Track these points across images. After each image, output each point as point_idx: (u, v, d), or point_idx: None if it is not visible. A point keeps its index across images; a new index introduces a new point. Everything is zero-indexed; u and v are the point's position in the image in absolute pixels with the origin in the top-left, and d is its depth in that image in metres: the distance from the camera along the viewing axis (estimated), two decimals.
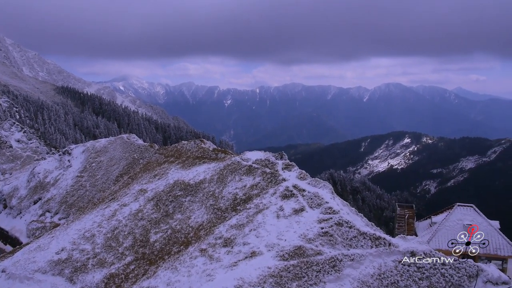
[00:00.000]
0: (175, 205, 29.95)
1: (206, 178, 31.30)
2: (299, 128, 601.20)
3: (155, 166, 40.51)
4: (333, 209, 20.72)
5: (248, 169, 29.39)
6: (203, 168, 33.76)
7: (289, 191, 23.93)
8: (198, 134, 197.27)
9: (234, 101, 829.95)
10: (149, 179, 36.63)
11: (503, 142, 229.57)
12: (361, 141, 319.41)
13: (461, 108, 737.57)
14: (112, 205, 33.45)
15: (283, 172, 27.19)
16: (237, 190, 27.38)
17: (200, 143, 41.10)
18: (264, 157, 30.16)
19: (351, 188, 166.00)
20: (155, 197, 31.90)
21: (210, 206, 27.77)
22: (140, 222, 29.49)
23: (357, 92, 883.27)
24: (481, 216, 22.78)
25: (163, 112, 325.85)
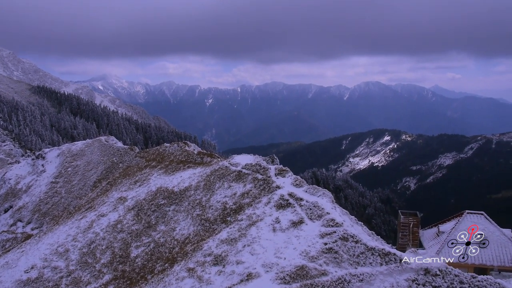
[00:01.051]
0: (158, 215, 27.29)
1: (191, 185, 28.72)
2: (281, 127, 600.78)
3: (136, 171, 37.59)
4: (336, 221, 18.54)
5: (238, 175, 26.96)
6: (188, 173, 31.14)
7: (284, 200, 21.64)
8: (179, 134, 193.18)
9: (215, 100, 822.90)
10: (129, 185, 33.75)
11: (479, 138, 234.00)
12: (342, 139, 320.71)
13: (438, 105, 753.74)
14: (89, 215, 30.47)
15: (277, 178, 24.88)
16: (227, 198, 24.93)
17: (183, 146, 38.38)
18: (254, 162, 27.77)
19: (334, 186, 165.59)
20: (136, 206, 29.12)
21: (196, 216, 25.24)
22: (120, 235, 26.70)
23: (338, 90, 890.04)
24: (493, 225, 21.19)
25: (143, 112, 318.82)
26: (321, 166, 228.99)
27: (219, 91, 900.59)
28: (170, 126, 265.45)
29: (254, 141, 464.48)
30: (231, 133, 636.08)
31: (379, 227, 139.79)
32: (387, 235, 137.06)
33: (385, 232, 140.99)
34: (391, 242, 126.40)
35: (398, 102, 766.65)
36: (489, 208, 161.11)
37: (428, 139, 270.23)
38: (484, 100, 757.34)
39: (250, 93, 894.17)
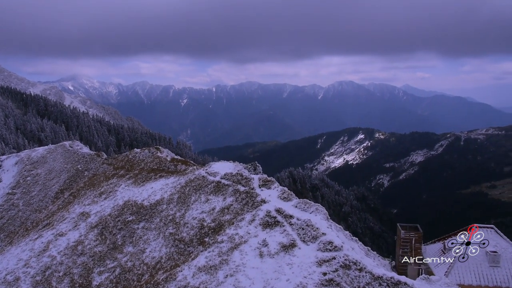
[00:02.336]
0: (125, 233, 23.61)
1: (164, 198, 25.15)
2: (256, 126, 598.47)
3: (102, 181, 33.50)
4: (334, 244, 15.60)
5: (216, 187, 23.62)
6: (160, 184, 27.50)
7: (272, 218, 18.51)
8: (153, 135, 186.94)
9: (190, 100, 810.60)
10: (94, 198, 29.75)
11: (449, 136, 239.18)
12: (317, 138, 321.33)
13: (409, 104, 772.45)
14: (45, 234, 26.35)
15: (261, 191, 21.70)
16: (204, 214, 21.57)
17: (155, 152, 34.55)
18: (235, 171, 24.46)
19: (310, 185, 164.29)
20: (100, 223, 25.30)
21: (169, 235, 21.76)
22: (80, 259, 22.88)
23: (312, 90, 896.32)
24: (505, 240, 18.95)
25: (116, 113, 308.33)
26: (297, 165, 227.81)
27: (194, 91, 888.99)
28: (144, 127, 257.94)
29: (230, 141, 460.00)
30: (206, 133, 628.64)
31: (355, 225, 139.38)
32: (363, 232, 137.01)
33: (361, 229, 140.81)
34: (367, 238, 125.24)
35: (371, 101, 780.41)
36: (458, 203, 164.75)
37: (400, 137, 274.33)
38: (452, 99, 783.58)
39: (225, 93, 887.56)
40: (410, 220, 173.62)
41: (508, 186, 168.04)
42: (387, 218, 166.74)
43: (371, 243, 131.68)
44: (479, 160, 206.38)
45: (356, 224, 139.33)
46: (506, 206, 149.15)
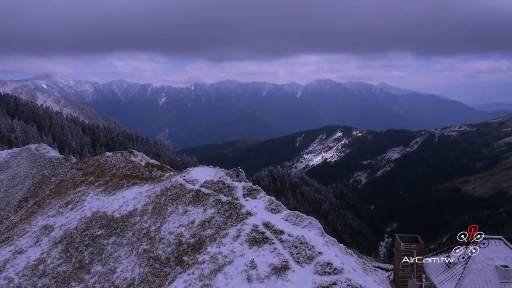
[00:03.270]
0: (93, 250, 20.78)
1: (137, 209, 22.39)
2: (235, 125, 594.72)
3: (69, 188, 30.27)
4: (334, 266, 13.37)
5: (196, 196, 21.06)
6: (133, 192, 24.67)
7: (259, 233, 16.12)
8: (130, 134, 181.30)
9: (168, 99, 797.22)
10: (59, 208, 26.60)
11: (423, 133, 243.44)
12: (296, 136, 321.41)
13: (385, 102, 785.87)
14: (2, 251, 23.09)
15: (246, 201, 19.29)
16: (182, 228, 18.97)
17: (129, 156, 31.53)
18: (216, 178, 21.94)
19: (290, 183, 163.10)
20: (65, 238, 22.31)
21: (143, 252, 19.10)
22: (41, 280, 19.91)
23: (291, 88, 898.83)
24: None
25: (91, 112, 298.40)
26: (276, 163, 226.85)
27: (172, 89, 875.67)
28: (120, 126, 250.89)
29: (209, 140, 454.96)
30: (185, 132, 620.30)
31: (335, 222, 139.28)
32: (342, 229, 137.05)
33: (341, 226, 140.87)
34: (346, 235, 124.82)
35: (349, 99, 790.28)
36: (434, 199, 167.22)
37: (377, 134, 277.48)
38: (426, 97, 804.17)
39: (204, 91, 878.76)
40: (387, 215, 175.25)
41: (480, 181, 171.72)
42: (365, 215, 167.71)
43: (350, 239, 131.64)
44: (453, 156, 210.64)
45: (335, 221, 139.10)
46: (478, 200, 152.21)
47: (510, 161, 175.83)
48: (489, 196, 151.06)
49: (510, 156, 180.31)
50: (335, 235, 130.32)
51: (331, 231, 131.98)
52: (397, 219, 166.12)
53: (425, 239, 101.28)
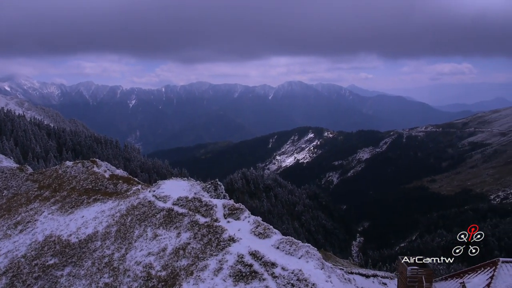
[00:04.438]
0: (44, 284, 17.21)
1: (98, 232, 18.94)
2: (208, 127, 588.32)
3: (22, 205, 26.18)
4: None
5: (168, 216, 17.89)
6: (94, 211, 21.14)
7: (246, 266, 13.19)
8: (99, 138, 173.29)
9: (139, 101, 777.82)
10: (7, 230, 22.57)
11: (392, 133, 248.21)
12: (269, 138, 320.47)
13: (355, 103, 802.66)
14: None
15: (228, 223, 16.31)
16: (152, 258, 15.78)
17: (91, 166, 27.79)
18: (191, 194, 18.84)
19: (263, 185, 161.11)
20: (11, 268, 18.54)
21: (105, 287, 15.85)
22: None
23: (263, 90, 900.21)
24: None
25: (57, 115, 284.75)
26: (249, 165, 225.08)
27: (143, 91, 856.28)
28: (89, 129, 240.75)
29: (181, 142, 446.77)
30: (156, 134, 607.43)
31: (309, 223, 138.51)
32: (316, 230, 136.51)
33: (314, 227, 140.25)
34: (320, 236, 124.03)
35: (320, 101, 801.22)
36: (402, 197, 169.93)
37: (347, 135, 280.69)
38: (393, 98, 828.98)
39: (175, 93, 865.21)
40: (359, 215, 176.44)
41: (446, 180, 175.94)
42: (337, 215, 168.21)
43: (324, 240, 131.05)
44: (420, 156, 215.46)
45: (309, 223, 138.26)
46: (445, 199, 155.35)
47: (473, 160, 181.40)
48: (455, 194, 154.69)
49: (473, 155, 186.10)
50: (309, 236, 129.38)
51: (305, 233, 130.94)
52: (368, 218, 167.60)
53: (396, 238, 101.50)
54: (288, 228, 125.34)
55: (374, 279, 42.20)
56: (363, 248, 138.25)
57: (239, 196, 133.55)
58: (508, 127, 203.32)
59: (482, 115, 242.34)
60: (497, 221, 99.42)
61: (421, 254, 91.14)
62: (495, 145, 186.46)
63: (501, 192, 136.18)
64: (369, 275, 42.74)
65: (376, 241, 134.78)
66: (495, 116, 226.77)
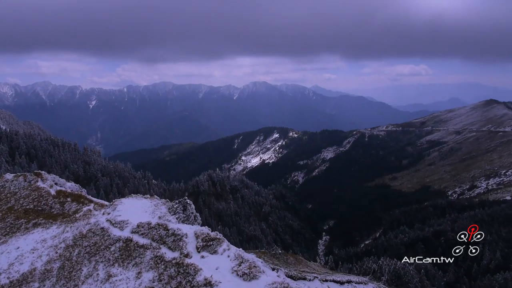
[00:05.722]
0: None
1: (36, 269, 14.85)
2: (172, 128, 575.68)
3: None
4: None
5: (125, 249, 14.14)
6: (32, 240, 16.87)
7: None
8: (56, 141, 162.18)
9: (99, 102, 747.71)
10: None
11: (355, 133, 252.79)
12: (234, 138, 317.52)
13: (318, 103, 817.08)
14: None
15: (202, 259, 12.72)
16: None
17: (34, 180, 23.23)
18: (155, 219, 15.13)
19: (230, 187, 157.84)
20: None
21: None
22: None
23: (227, 90, 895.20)
24: None
25: (10, 117, 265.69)
26: (215, 166, 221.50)
27: (104, 91, 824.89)
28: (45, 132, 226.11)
29: (144, 144, 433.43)
30: (118, 136, 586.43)
31: (276, 224, 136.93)
32: (283, 230, 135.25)
33: (281, 228, 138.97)
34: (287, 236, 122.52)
35: (284, 101, 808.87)
36: (365, 195, 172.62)
37: (312, 135, 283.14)
38: (355, 98, 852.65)
39: (138, 93, 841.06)
40: (324, 213, 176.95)
41: (406, 177, 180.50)
42: (304, 214, 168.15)
43: (291, 240, 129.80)
44: (381, 155, 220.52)
45: (276, 223, 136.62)
46: (406, 196, 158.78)
47: (431, 158, 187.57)
48: (415, 191, 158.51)
49: (431, 153, 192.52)
50: (277, 237, 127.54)
51: (273, 233, 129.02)
52: (333, 216, 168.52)
53: (360, 235, 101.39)
54: (256, 229, 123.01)
55: (348, 285, 40.33)
56: (329, 246, 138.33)
57: (205, 198, 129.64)
58: (463, 125, 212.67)
59: (439, 115, 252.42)
60: (455, 216, 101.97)
61: (385, 251, 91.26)
62: (451, 143, 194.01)
63: (457, 188, 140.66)
64: (343, 282, 40.74)
65: (342, 239, 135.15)
66: (451, 116, 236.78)
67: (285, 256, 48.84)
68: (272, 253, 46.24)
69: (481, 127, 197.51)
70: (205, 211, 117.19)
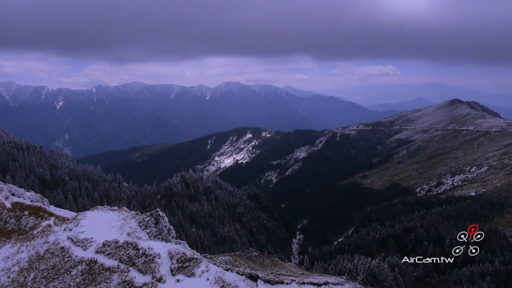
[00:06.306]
0: None
1: None
2: (143, 129, 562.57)
3: None
4: None
5: (89, 272, 12.43)
6: None
7: None
8: (20, 144, 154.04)
9: (67, 103, 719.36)
10: None
11: (326, 132, 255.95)
12: (207, 139, 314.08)
13: (291, 104, 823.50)
14: None
15: (177, 284, 11.07)
16: None
17: None
18: (123, 236, 13.38)
19: (204, 188, 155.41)
20: None
21: None
22: None
23: (200, 90, 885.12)
24: None
25: None
26: (188, 167, 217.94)
27: (71, 92, 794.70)
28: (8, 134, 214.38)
29: (115, 146, 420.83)
30: (87, 138, 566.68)
31: (250, 224, 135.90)
32: (257, 231, 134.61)
33: (256, 228, 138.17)
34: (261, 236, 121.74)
35: (257, 101, 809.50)
36: (338, 193, 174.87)
37: (285, 135, 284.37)
38: (327, 98, 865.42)
39: (108, 94, 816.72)
40: (298, 213, 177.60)
41: (376, 175, 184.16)
42: (278, 214, 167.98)
43: (265, 240, 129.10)
44: (352, 154, 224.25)
45: (250, 224, 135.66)
46: (376, 193, 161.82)
47: (400, 156, 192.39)
48: (385, 188, 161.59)
49: (400, 152, 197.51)
50: (251, 238, 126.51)
51: (247, 234, 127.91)
52: (307, 215, 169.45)
53: (334, 233, 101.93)
54: (230, 230, 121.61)
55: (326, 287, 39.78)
56: (303, 245, 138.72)
57: (178, 200, 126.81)
58: (429, 124, 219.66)
59: (406, 114, 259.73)
60: (424, 212, 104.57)
61: (358, 248, 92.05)
62: (418, 141, 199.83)
63: (425, 185, 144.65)
64: (320, 284, 40.14)
65: (315, 238, 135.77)
66: (417, 115, 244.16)
67: (261, 258, 47.76)
68: (248, 255, 45.05)
69: (446, 126, 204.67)
70: (179, 213, 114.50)
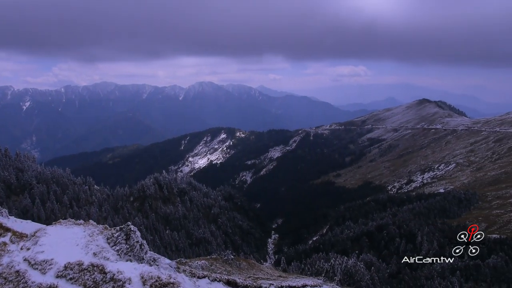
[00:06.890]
0: None
1: None
2: (115, 130, 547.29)
3: None
4: None
5: None
6: None
7: None
8: None
9: (34, 103, 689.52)
10: None
11: (300, 132, 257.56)
12: (181, 139, 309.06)
13: (264, 103, 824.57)
14: None
15: None
16: None
17: None
18: (88, 256, 11.63)
19: (178, 190, 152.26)
20: None
21: None
22: None
23: (173, 90, 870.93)
24: None
25: None
26: (161, 168, 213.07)
27: (39, 92, 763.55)
28: None
29: (85, 147, 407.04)
30: (56, 139, 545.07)
31: (225, 225, 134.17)
32: (233, 231, 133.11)
33: (231, 229, 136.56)
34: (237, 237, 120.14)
35: (230, 101, 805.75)
36: (312, 192, 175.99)
37: (259, 134, 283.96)
38: (300, 98, 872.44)
39: (77, 94, 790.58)
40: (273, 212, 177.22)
41: (349, 174, 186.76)
42: (253, 214, 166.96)
43: (241, 240, 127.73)
44: (326, 153, 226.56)
45: (226, 224, 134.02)
46: (350, 192, 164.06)
47: (372, 155, 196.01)
48: (358, 187, 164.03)
49: (372, 150, 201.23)
50: (226, 238, 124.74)
51: (222, 235, 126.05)
52: (281, 215, 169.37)
53: (308, 232, 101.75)
54: (205, 232, 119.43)
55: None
56: (278, 244, 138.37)
57: (151, 203, 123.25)
58: (399, 123, 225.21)
59: (377, 113, 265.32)
60: (396, 210, 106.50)
61: (332, 247, 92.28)
62: (389, 140, 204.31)
63: (396, 183, 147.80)
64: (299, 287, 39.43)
65: (290, 237, 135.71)
66: (388, 114, 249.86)
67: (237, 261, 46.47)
68: (224, 259, 43.69)
69: (415, 124, 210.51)
70: (152, 216, 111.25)
